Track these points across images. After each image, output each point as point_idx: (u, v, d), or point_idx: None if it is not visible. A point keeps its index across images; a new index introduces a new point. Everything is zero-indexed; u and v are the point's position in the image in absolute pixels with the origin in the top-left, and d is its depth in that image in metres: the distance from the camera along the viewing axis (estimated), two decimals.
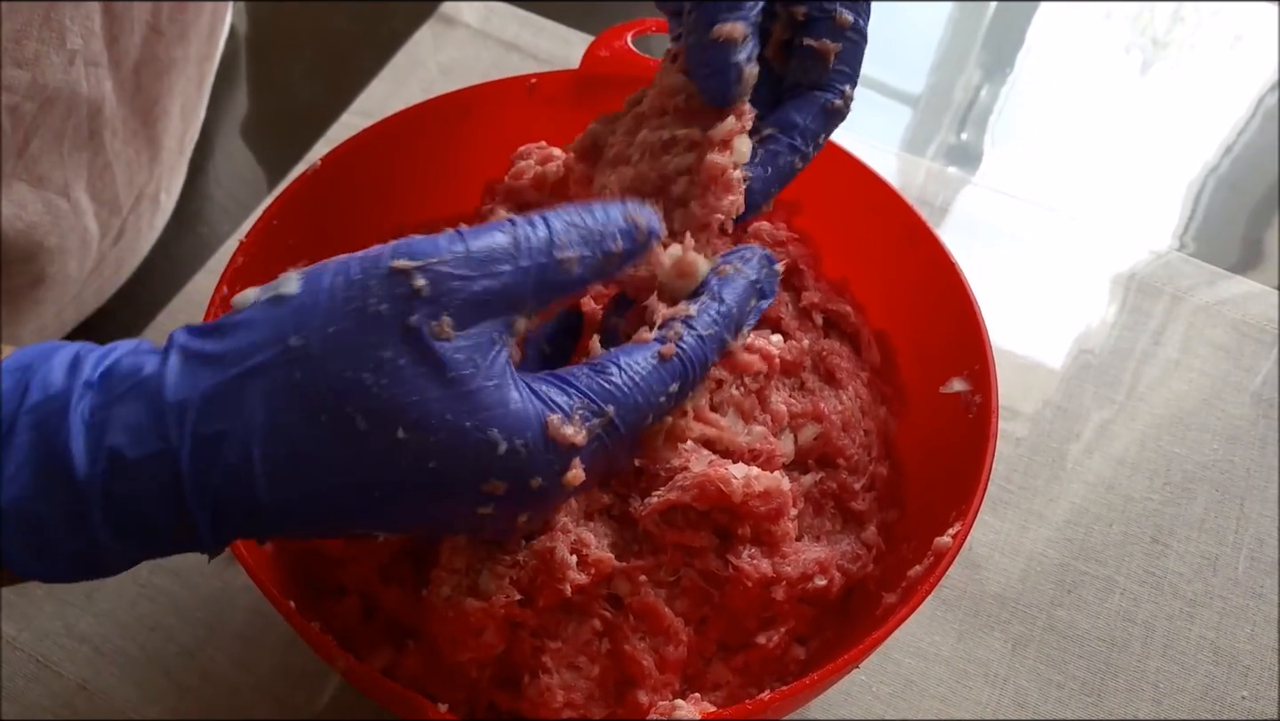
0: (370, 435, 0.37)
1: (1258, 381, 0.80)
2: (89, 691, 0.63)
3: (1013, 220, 0.88)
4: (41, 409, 0.36)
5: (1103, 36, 1.04)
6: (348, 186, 0.65)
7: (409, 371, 0.37)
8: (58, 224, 0.65)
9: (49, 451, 0.35)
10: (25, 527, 0.36)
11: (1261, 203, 0.93)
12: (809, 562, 0.55)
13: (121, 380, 0.37)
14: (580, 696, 0.52)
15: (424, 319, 0.38)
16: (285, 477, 0.37)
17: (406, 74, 0.94)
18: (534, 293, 0.40)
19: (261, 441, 0.36)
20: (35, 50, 0.58)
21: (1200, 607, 0.69)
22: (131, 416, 0.36)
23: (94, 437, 0.36)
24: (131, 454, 0.36)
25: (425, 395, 0.37)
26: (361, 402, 0.37)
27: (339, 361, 0.37)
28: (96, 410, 0.36)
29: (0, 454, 0.35)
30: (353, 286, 0.38)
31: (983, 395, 0.57)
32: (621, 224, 0.43)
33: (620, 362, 0.42)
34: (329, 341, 0.37)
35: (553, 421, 0.40)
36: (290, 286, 0.38)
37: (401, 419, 0.37)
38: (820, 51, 0.51)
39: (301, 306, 0.37)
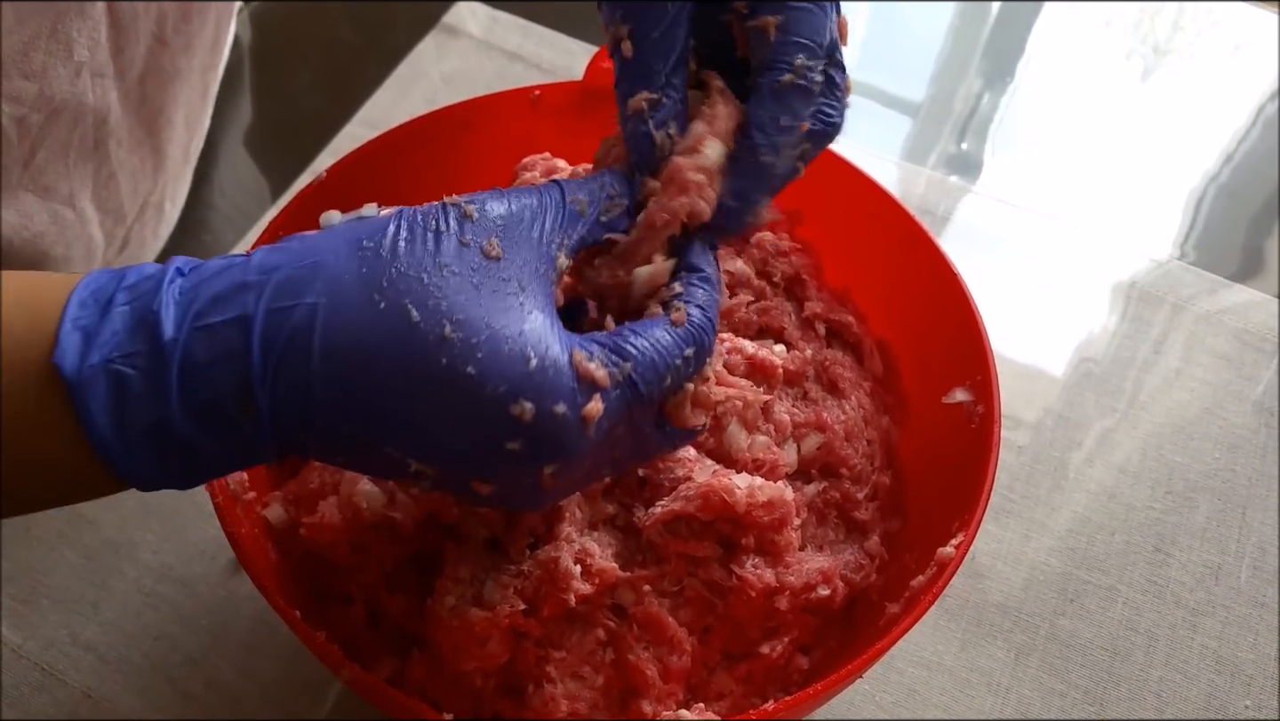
0: (420, 326, 0.40)
1: (1259, 390, 0.80)
2: (93, 699, 0.64)
3: (1014, 229, 0.88)
4: (138, 286, 0.39)
5: (1103, 45, 1.04)
6: (353, 197, 0.64)
7: (462, 279, 0.41)
8: (63, 234, 0.66)
9: (142, 320, 0.39)
10: (110, 391, 0.38)
11: (1262, 211, 0.93)
12: (812, 572, 0.56)
13: (211, 269, 0.40)
14: (584, 705, 0.52)
15: (477, 237, 0.42)
16: (340, 355, 0.39)
17: (410, 84, 0.95)
18: (559, 227, 0.45)
19: (326, 318, 0.39)
20: (42, 62, 0.59)
21: (1203, 616, 0.69)
22: (217, 289, 0.39)
23: (182, 306, 0.39)
24: (213, 318, 0.39)
25: (473, 300, 0.41)
26: (417, 295, 0.40)
27: (403, 260, 0.40)
28: (187, 289, 0.39)
29: (98, 321, 0.38)
30: (419, 212, 0.42)
31: (985, 405, 0.57)
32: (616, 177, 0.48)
33: (635, 329, 0.45)
34: (397, 246, 0.41)
35: (578, 354, 0.42)
36: (370, 211, 0.43)
37: (450, 316, 0.40)
38: (760, 28, 0.48)
39: (377, 223, 0.41)
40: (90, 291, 0.39)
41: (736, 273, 0.64)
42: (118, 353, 0.38)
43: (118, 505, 0.70)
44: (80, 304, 0.38)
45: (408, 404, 0.40)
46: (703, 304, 0.46)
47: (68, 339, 0.38)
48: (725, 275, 0.63)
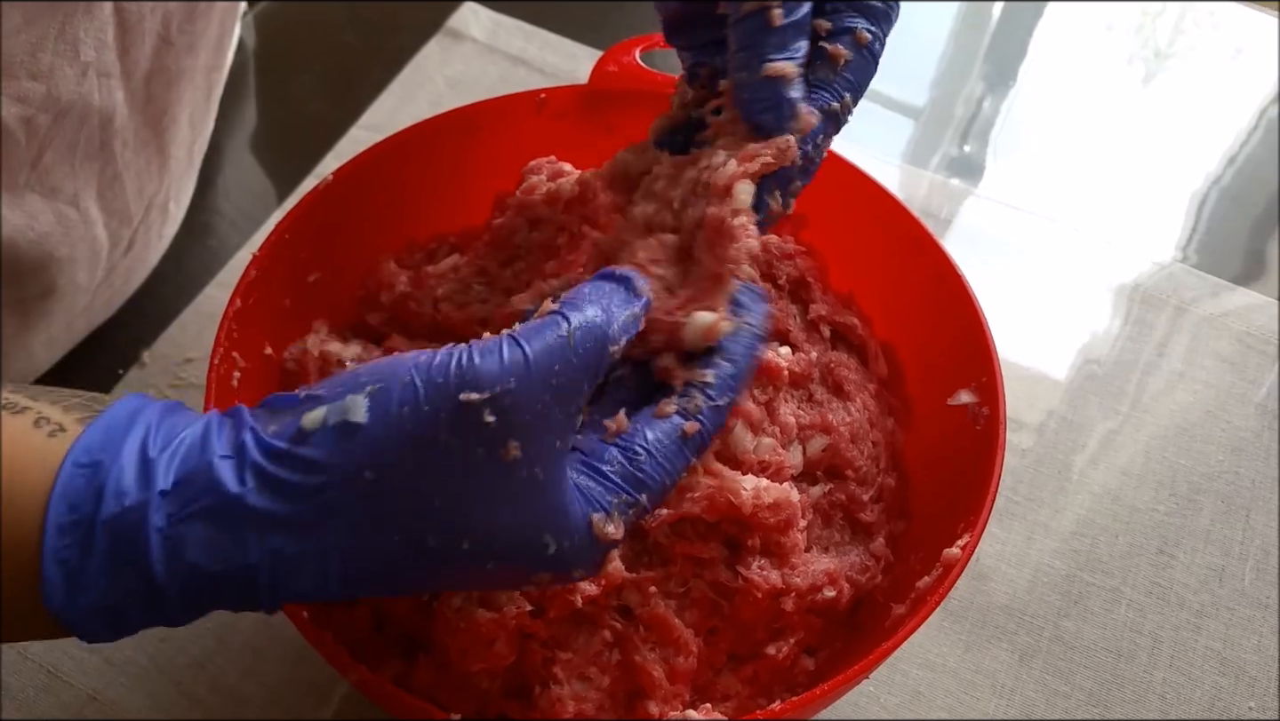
0: (438, 549, 0.40)
1: (1262, 393, 0.80)
2: (99, 702, 0.64)
3: (1016, 232, 0.88)
4: (118, 521, 0.38)
5: (1105, 48, 1.05)
6: (358, 201, 0.65)
7: (476, 494, 0.40)
8: (68, 234, 0.66)
9: (128, 564, 0.38)
10: (105, 619, 0.39)
11: (1264, 214, 0.93)
12: (818, 574, 0.56)
13: (198, 493, 0.38)
14: (591, 707, 0.52)
15: (492, 449, 0.40)
16: (357, 584, 0.40)
17: (414, 88, 0.95)
18: (590, 380, 0.43)
19: (338, 562, 0.39)
20: (50, 63, 0.59)
21: (1206, 618, 0.69)
22: (211, 534, 0.38)
23: (173, 552, 0.38)
24: (212, 569, 0.38)
25: (490, 512, 0.40)
26: (432, 524, 0.40)
27: (410, 493, 0.39)
28: (174, 523, 0.38)
29: (81, 560, 0.37)
30: (421, 417, 0.39)
31: (990, 407, 0.57)
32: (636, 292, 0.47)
33: (649, 446, 0.45)
34: (400, 475, 0.39)
35: (596, 521, 0.43)
36: (358, 414, 0.39)
37: (467, 534, 0.40)
38: (832, 55, 0.51)
39: (371, 439, 0.39)
40: (67, 510, 0.37)
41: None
42: (109, 596, 0.38)
43: None
44: (59, 530, 0.37)
45: (428, 586, 0.44)
46: (720, 401, 0.47)
47: (51, 573, 0.37)
48: None
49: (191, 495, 0.38)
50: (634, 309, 0.46)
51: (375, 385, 0.40)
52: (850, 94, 0.52)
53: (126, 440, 0.39)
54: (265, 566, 0.39)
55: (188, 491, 0.38)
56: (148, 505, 0.38)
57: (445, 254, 0.67)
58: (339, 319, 0.66)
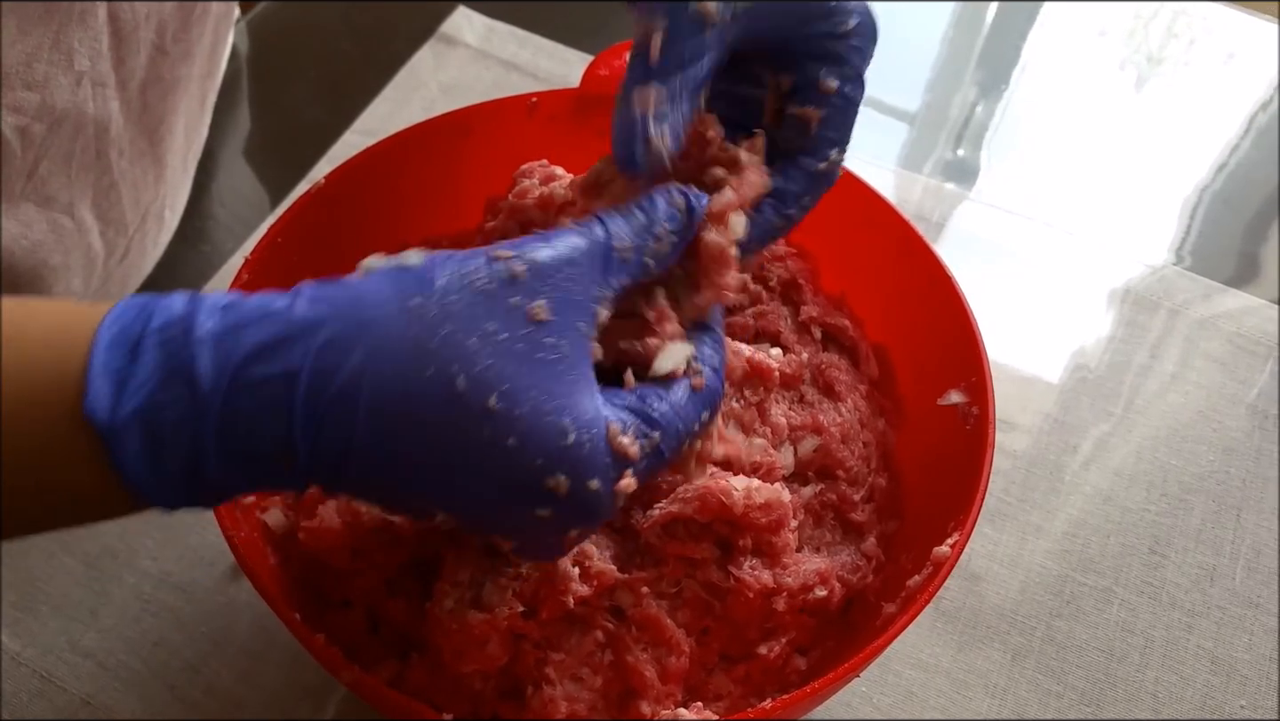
0: (466, 395, 0.40)
1: (1253, 394, 0.80)
2: (93, 706, 0.64)
3: (1010, 236, 0.89)
4: (168, 330, 0.38)
5: (1097, 53, 1.05)
6: (351, 204, 0.65)
7: (508, 346, 0.40)
8: (61, 242, 0.66)
9: (175, 367, 0.38)
10: (145, 438, 0.38)
11: (1257, 217, 0.94)
12: (809, 573, 0.56)
13: (249, 311, 0.39)
14: (583, 707, 0.52)
15: (524, 299, 0.41)
16: (385, 416, 0.39)
17: (408, 93, 0.95)
18: (612, 283, 0.44)
19: (372, 379, 0.39)
20: (45, 72, 0.59)
21: (1198, 618, 0.70)
22: (260, 337, 0.38)
23: (221, 354, 0.38)
24: (256, 371, 0.38)
25: (518, 369, 0.41)
26: (464, 363, 0.40)
27: (450, 324, 0.40)
28: (223, 333, 0.38)
29: (128, 366, 0.37)
30: (466, 266, 0.41)
31: (980, 406, 0.57)
32: (666, 209, 0.47)
33: (659, 394, 0.45)
34: (444, 307, 0.40)
35: (613, 429, 0.43)
36: (414, 259, 0.41)
37: (496, 386, 0.40)
38: (802, 118, 0.52)
39: (422, 275, 0.40)
40: (117, 330, 0.38)
41: None
42: (152, 401, 0.37)
43: None
44: (108, 345, 0.37)
45: (445, 466, 0.41)
46: (716, 366, 0.48)
47: (98, 384, 0.37)
48: None
49: (244, 313, 0.39)
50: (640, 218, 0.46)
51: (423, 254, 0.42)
52: (834, 150, 0.53)
53: (173, 293, 0.40)
54: (307, 369, 0.38)
55: (240, 310, 0.39)
56: (196, 312, 0.38)
57: None
58: None
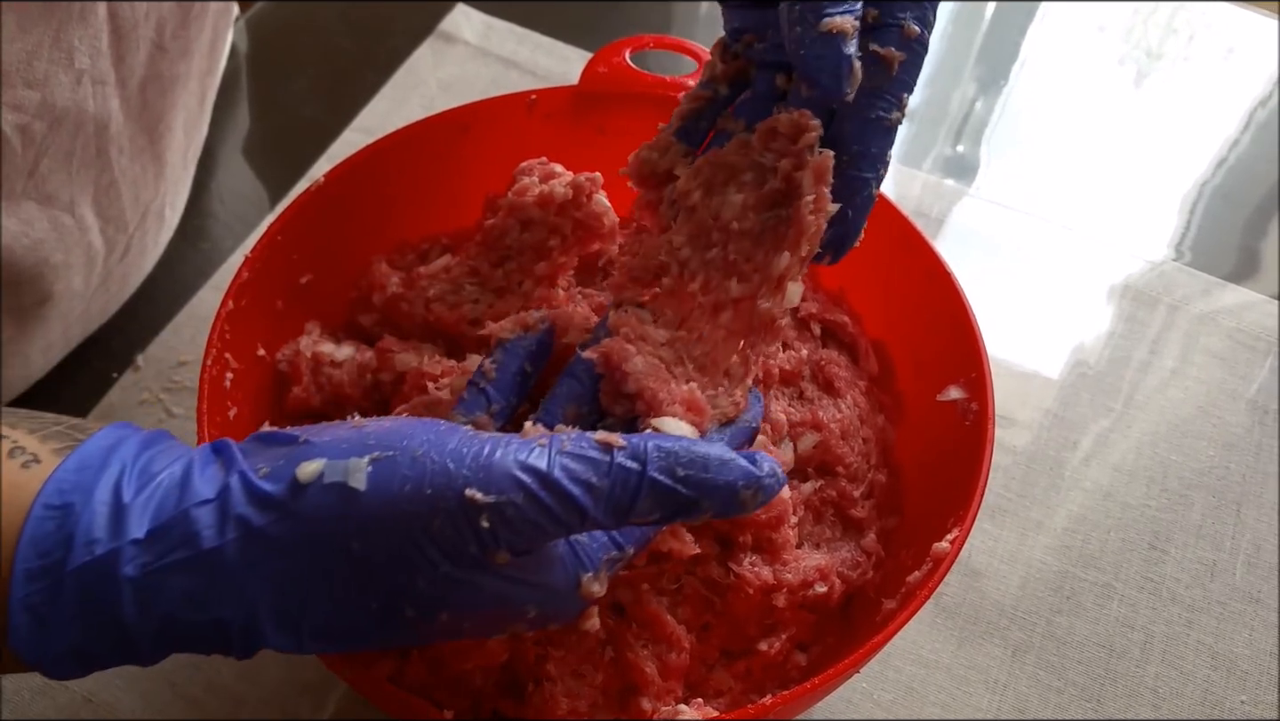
0: (416, 620, 0.40)
1: (1253, 389, 0.80)
2: (94, 704, 0.64)
3: (1009, 231, 0.89)
4: (88, 570, 0.37)
5: (1097, 49, 1.05)
6: (350, 202, 0.65)
7: (461, 579, 0.39)
8: (63, 240, 0.66)
9: (98, 613, 0.37)
10: (74, 661, 0.38)
11: (1256, 213, 0.93)
12: (809, 570, 0.56)
13: (174, 545, 0.38)
14: (584, 704, 0.52)
15: (484, 549, 0.39)
16: (331, 642, 0.40)
17: (407, 91, 0.95)
18: (613, 520, 0.41)
19: (319, 619, 0.39)
20: (45, 70, 0.59)
21: (1198, 613, 0.70)
22: (185, 586, 0.37)
23: (145, 602, 0.37)
24: (185, 619, 0.38)
25: (472, 595, 0.40)
26: (412, 598, 0.39)
27: (396, 569, 0.39)
28: (147, 574, 0.37)
29: (50, 608, 0.37)
30: (420, 502, 0.38)
31: (979, 402, 0.57)
32: (738, 488, 0.41)
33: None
34: (390, 552, 0.38)
35: (585, 583, 0.43)
36: (358, 480, 0.39)
37: (447, 608, 0.40)
38: (885, 59, 0.49)
39: (367, 511, 0.38)
40: (36, 556, 0.37)
41: None
42: (79, 642, 0.37)
43: None
44: (27, 576, 0.37)
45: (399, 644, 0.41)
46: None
47: (19, 619, 0.37)
48: None
49: (167, 546, 0.37)
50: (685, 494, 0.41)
51: (383, 452, 0.39)
52: (906, 94, 0.50)
53: (100, 481, 0.38)
54: (239, 620, 0.38)
55: (163, 542, 0.38)
56: (119, 554, 0.37)
57: (437, 254, 0.67)
58: (331, 320, 0.66)
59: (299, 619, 0.39)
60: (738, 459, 0.41)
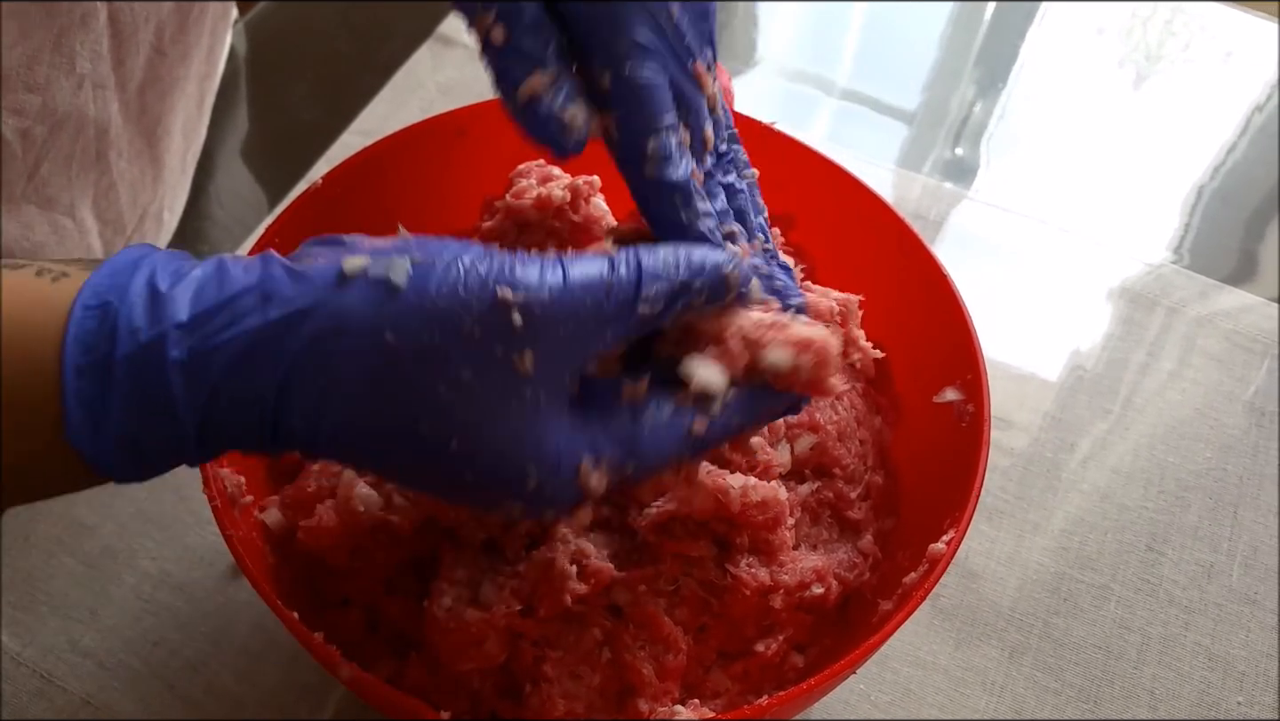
0: (428, 438, 0.40)
1: (1251, 392, 0.80)
2: (93, 706, 0.64)
3: (1008, 234, 0.89)
4: (136, 357, 0.38)
5: (1096, 51, 1.05)
6: (348, 204, 0.65)
7: (481, 395, 0.40)
8: (63, 244, 0.66)
9: (149, 397, 0.38)
10: (127, 454, 0.39)
11: (1255, 215, 0.94)
12: (806, 571, 0.56)
13: (219, 327, 0.38)
14: (581, 705, 0.52)
15: (510, 351, 0.40)
16: (345, 441, 0.40)
17: (406, 94, 0.95)
18: (613, 338, 0.42)
19: (335, 409, 0.39)
20: (46, 75, 0.59)
21: (1195, 614, 0.70)
22: (231, 364, 0.38)
23: (192, 384, 0.38)
24: (231, 396, 0.39)
25: (487, 420, 0.40)
26: (430, 412, 0.40)
27: (423, 370, 0.39)
28: (194, 355, 0.38)
29: (102, 397, 0.38)
30: (456, 300, 0.39)
31: (975, 404, 0.57)
32: (714, 276, 0.44)
33: (656, 424, 0.44)
34: (420, 351, 0.39)
35: (584, 468, 0.42)
36: (399, 277, 0.39)
37: (460, 434, 0.40)
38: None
39: (404, 307, 0.39)
40: (83, 354, 0.38)
41: None
42: (133, 430, 0.38)
43: (116, 512, 0.70)
44: (76, 372, 0.37)
45: (403, 475, 0.43)
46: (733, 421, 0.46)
47: (74, 414, 0.37)
48: None
49: (212, 329, 0.38)
50: (678, 276, 0.43)
51: (421, 256, 0.40)
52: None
53: (134, 280, 0.39)
54: (271, 398, 0.39)
55: (207, 325, 0.38)
56: (165, 338, 0.38)
57: None
58: None
59: (324, 405, 0.39)
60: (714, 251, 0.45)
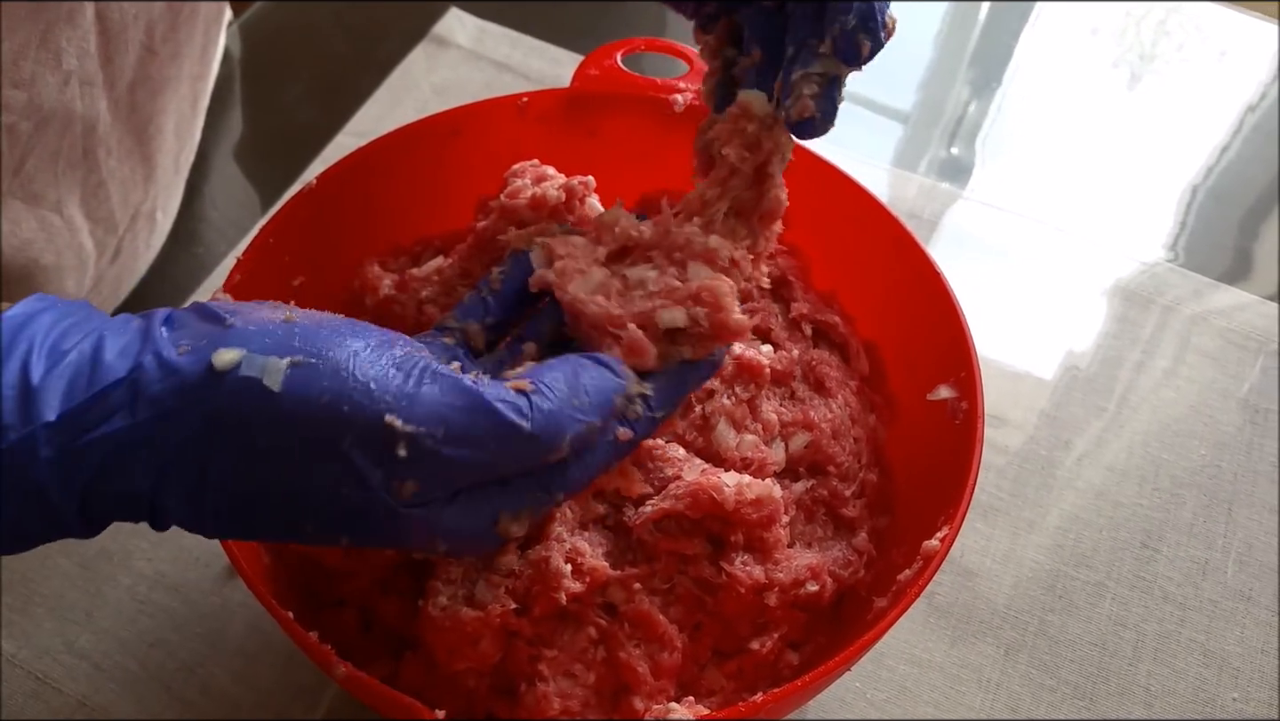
0: (310, 533, 0.40)
1: (1245, 389, 0.80)
2: (89, 707, 0.64)
3: (1003, 233, 0.89)
4: (9, 454, 0.37)
5: (1090, 51, 1.05)
6: (342, 204, 0.65)
7: (362, 508, 0.39)
8: (53, 241, 0.66)
9: (25, 494, 0.38)
10: (16, 541, 0.39)
11: (1249, 214, 0.94)
12: (801, 569, 0.56)
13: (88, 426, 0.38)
14: (576, 703, 0.52)
15: (391, 478, 0.39)
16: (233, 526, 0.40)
17: (400, 95, 0.95)
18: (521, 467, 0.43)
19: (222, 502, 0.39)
20: (32, 71, 0.59)
21: (1190, 611, 0.70)
22: (103, 463, 0.38)
23: (65, 480, 0.38)
24: (104, 490, 0.38)
25: (373, 524, 0.40)
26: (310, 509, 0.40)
27: (297, 478, 0.39)
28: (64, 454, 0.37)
29: None
30: (336, 417, 0.38)
31: (969, 401, 0.57)
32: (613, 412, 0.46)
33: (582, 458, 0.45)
34: (294, 459, 0.39)
35: (503, 519, 0.43)
36: (273, 382, 0.38)
37: (344, 531, 0.40)
38: None
39: (279, 412, 0.38)
40: None
41: None
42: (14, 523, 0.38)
43: None
44: None
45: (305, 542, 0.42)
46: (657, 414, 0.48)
47: None
48: None
49: (80, 428, 0.37)
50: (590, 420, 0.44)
51: (306, 357, 0.38)
52: None
53: (8, 365, 0.38)
54: (146, 495, 0.38)
55: (76, 424, 0.37)
56: (35, 439, 0.37)
57: (429, 256, 0.67)
58: None
59: (202, 497, 0.39)
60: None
